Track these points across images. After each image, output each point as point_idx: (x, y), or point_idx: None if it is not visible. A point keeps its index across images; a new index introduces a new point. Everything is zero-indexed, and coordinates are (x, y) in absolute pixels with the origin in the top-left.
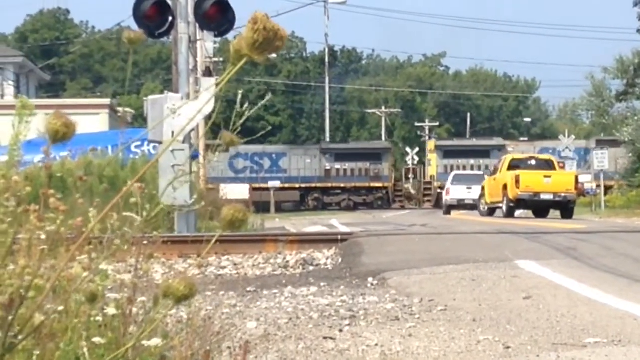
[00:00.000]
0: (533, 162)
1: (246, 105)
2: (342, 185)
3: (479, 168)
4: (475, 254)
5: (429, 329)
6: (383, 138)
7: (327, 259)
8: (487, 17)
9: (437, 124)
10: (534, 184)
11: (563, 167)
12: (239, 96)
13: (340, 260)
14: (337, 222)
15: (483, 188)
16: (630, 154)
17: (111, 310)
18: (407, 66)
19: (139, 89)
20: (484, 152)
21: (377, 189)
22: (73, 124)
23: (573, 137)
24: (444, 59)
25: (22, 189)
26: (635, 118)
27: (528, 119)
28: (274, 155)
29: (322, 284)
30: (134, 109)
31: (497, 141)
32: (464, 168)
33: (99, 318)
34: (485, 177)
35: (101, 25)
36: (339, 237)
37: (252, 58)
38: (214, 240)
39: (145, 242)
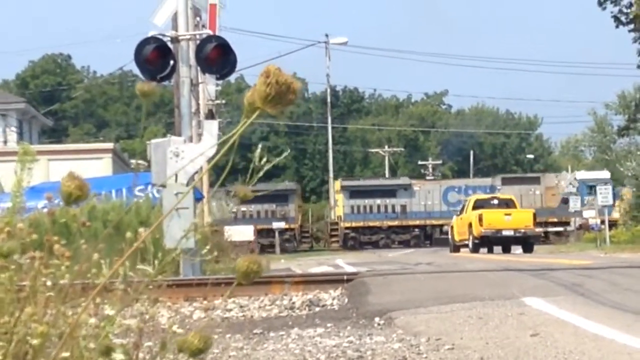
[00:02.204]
0: (495, 201)
1: (264, 160)
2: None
3: (386, 208)
4: (482, 291)
5: None
6: (386, 176)
7: (333, 299)
8: (486, 54)
9: (441, 162)
10: (496, 222)
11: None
12: (257, 151)
13: (346, 300)
14: (343, 262)
15: (452, 227)
16: (634, 189)
17: (118, 356)
18: (407, 104)
19: (142, 132)
20: (390, 192)
21: (284, 230)
22: (86, 186)
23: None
24: (445, 97)
25: (26, 235)
26: (639, 153)
27: (531, 156)
28: None
29: (328, 325)
30: (138, 152)
31: (403, 180)
32: (371, 208)
33: None
34: (454, 216)
35: (103, 70)
36: (345, 277)
37: (265, 111)
38: (229, 290)
39: (150, 287)
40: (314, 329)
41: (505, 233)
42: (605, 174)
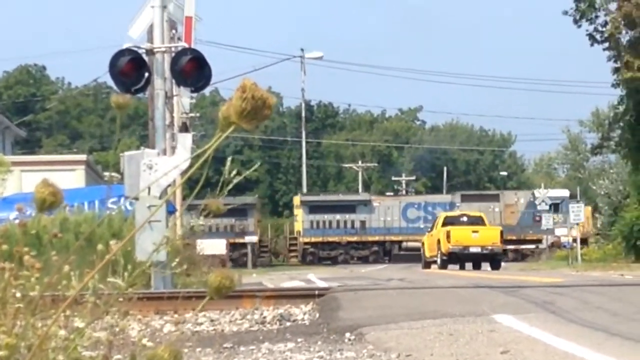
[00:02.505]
0: (465, 218)
1: (234, 173)
2: None
3: (345, 224)
4: (453, 308)
5: None
6: (359, 191)
7: (304, 314)
8: (461, 71)
9: (414, 178)
10: (463, 239)
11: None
12: (227, 164)
13: (317, 315)
14: (314, 277)
15: (423, 244)
16: (607, 207)
17: None
18: (381, 120)
19: (115, 145)
20: (349, 207)
21: (242, 245)
22: (60, 193)
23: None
24: (420, 113)
25: None
26: (611, 171)
27: (504, 173)
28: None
29: (299, 340)
30: (111, 164)
31: (363, 196)
32: (330, 224)
33: None
34: (426, 233)
35: (77, 82)
36: (316, 292)
37: (240, 126)
38: (202, 304)
39: (121, 300)
40: (284, 344)
41: (472, 250)
42: (565, 192)
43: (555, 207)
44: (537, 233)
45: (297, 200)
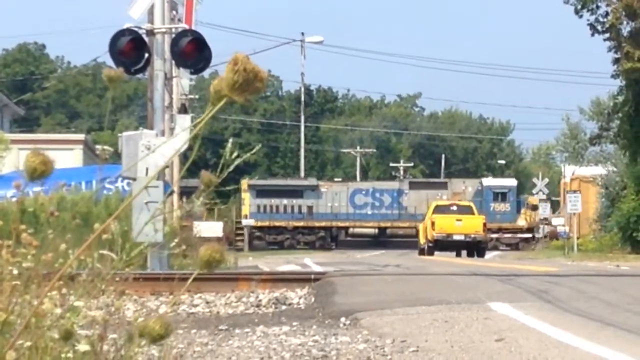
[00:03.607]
0: (455, 207)
1: (235, 153)
2: None
3: (292, 209)
4: (448, 295)
5: None
6: (358, 178)
7: (299, 298)
8: (462, 58)
9: (412, 164)
10: (447, 227)
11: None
12: (228, 146)
13: (313, 299)
14: (311, 262)
15: (418, 231)
16: (604, 198)
17: (82, 347)
18: (380, 106)
19: (114, 124)
20: (297, 192)
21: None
22: (51, 162)
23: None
24: (419, 100)
25: None
26: (609, 162)
27: (502, 161)
28: None
29: (294, 324)
30: (109, 145)
31: (310, 181)
32: (277, 208)
33: (70, 355)
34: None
35: (77, 61)
36: (312, 276)
37: (231, 98)
38: (190, 279)
39: (117, 279)
40: (279, 327)
41: (455, 238)
42: (512, 181)
43: (502, 196)
44: (489, 222)
45: (244, 184)
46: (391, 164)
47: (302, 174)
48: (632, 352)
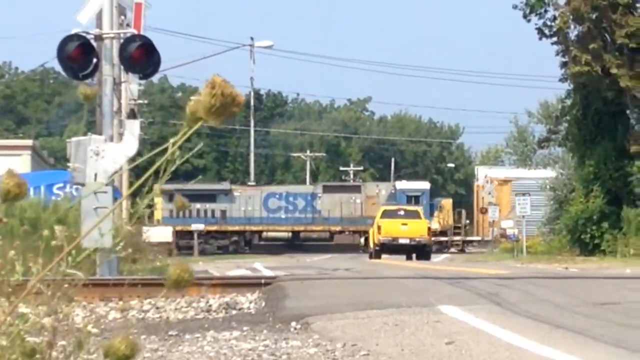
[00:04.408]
0: (402, 212)
1: (177, 153)
2: None
3: (205, 213)
4: (399, 298)
5: None
6: (307, 182)
7: (250, 302)
8: (412, 63)
9: (362, 168)
10: (393, 231)
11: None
12: (170, 145)
13: (263, 304)
14: (261, 266)
15: (368, 235)
16: (552, 201)
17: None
18: (330, 110)
19: (62, 130)
20: (210, 197)
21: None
22: (25, 184)
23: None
24: (369, 104)
25: None
26: (557, 165)
27: (452, 165)
28: None
29: (245, 328)
30: (57, 150)
31: (224, 185)
32: (190, 213)
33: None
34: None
35: (24, 66)
36: (263, 280)
37: (207, 121)
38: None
39: (65, 285)
40: (230, 332)
41: (401, 241)
42: (425, 185)
43: (415, 199)
44: None
45: (157, 188)
46: (341, 168)
47: (252, 178)
48: (582, 353)
